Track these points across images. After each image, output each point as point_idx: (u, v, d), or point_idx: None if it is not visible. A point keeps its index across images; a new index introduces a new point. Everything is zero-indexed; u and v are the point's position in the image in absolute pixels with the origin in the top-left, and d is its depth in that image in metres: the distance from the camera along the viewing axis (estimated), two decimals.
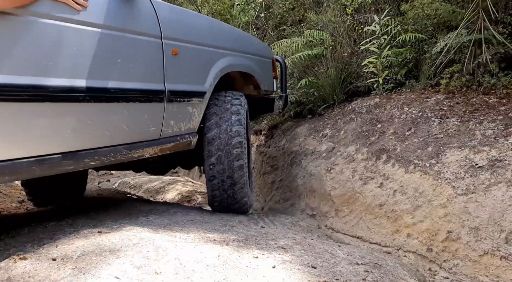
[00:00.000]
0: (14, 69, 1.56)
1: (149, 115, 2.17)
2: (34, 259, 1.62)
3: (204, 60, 2.54)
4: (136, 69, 2.07)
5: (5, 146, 1.57)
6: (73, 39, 1.77)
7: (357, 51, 3.96)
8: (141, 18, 2.12)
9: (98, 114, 1.90)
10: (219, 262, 1.67)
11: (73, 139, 1.82)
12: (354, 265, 1.81)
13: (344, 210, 2.85)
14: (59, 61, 1.72)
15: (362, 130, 3.14)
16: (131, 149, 2.12)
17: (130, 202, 3.05)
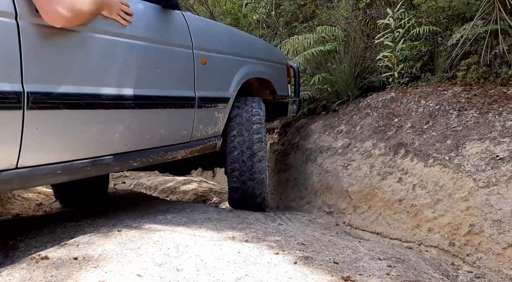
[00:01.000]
0: (76, 79, 1.72)
1: (182, 120, 2.34)
2: (56, 258, 1.62)
3: (228, 68, 2.71)
4: (172, 78, 2.24)
5: (67, 149, 1.74)
6: (121, 51, 1.93)
7: (370, 45, 3.91)
8: (175, 30, 2.29)
9: (141, 120, 2.07)
10: (239, 259, 1.66)
11: (120, 142, 1.99)
12: (376, 260, 1.78)
13: (363, 206, 2.82)
14: (110, 71, 1.88)
15: (379, 125, 3.10)
16: (167, 151, 2.29)
17: (147, 201, 3.06)
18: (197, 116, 2.41)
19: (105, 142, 1.91)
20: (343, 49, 3.90)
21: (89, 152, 1.84)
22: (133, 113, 2.00)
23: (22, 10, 1.51)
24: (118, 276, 1.46)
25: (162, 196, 4.71)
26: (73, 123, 1.74)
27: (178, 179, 5.82)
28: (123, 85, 1.93)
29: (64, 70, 1.68)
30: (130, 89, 1.96)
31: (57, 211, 3.12)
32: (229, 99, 2.67)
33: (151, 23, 2.15)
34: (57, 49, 1.65)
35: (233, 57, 2.76)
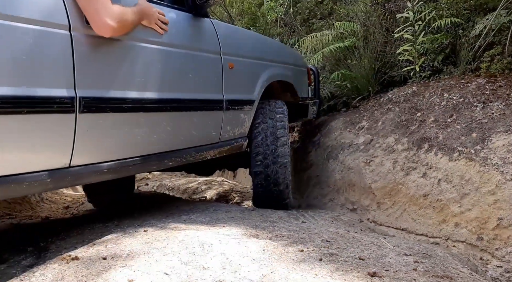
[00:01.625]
0: (120, 85, 1.84)
1: (211, 121, 2.45)
2: (85, 259, 1.66)
3: (253, 71, 2.82)
4: (202, 82, 2.35)
5: (112, 149, 1.87)
6: (158, 58, 2.05)
7: (390, 40, 3.86)
8: (205, 37, 2.41)
9: (176, 122, 2.20)
10: (264, 256, 1.67)
11: (158, 143, 2.11)
12: (402, 256, 1.76)
13: (387, 203, 2.79)
14: (149, 77, 2.00)
15: (401, 119, 3.06)
16: (198, 152, 2.40)
17: (171, 202, 3.10)
18: (225, 118, 2.52)
19: (144, 143, 2.03)
20: (362, 44, 3.86)
21: (131, 152, 1.97)
22: (169, 116, 2.14)
23: (74, 22, 1.63)
24: (146, 275, 1.49)
25: (185, 197, 4.76)
26: (117, 125, 1.86)
27: (199, 180, 5.88)
28: (160, 89, 2.06)
29: (110, 76, 1.80)
30: (166, 93, 2.09)
31: (84, 213, 3.20)
32: (254, 101, 2.78)
33: (184, 31, 2.27)
34: (104, 57, 1.77)
35: (258, 61, 2.87)
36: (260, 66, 2.89)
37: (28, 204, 3.52)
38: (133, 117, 1.93)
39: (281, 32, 5.89)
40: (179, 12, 2.25)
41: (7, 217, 3.09)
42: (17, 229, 2.73)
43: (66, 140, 1.64)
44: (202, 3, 2.31)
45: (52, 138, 1.61)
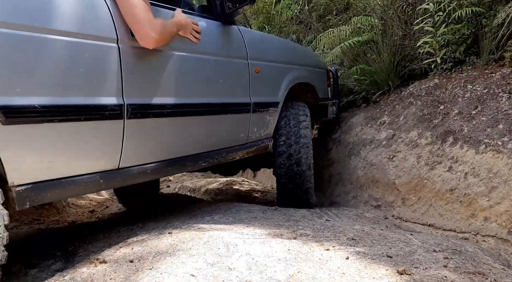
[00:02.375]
0: (160, 92, 1.97)
1: (240, 124, 2.58)
2: (112, 262, 1.68)
3: (277, 75, 2.94)
4: (231, 86, 2.48)
5: (153, 152, 2.01)
6: (193, 65, 2.18)
7: (409, 32, 3.79)
8: (234, 44, 2.53)
9: (209, 125, 2.33)
10: (290, 256, 1.66)
11: (193, 145, 2.26)
12: (431, 253, 1.72)
13: (412, 198, 2.73)
14: (185, 83, 2.13)
15: (423, 113, 3.00)
16: (229, 153, 2.52)
17: (193, 203, 3.12)
18: (252, 120, 2.65)
19: (182, 145, 2.18)
20: (381, 38, 3.80)
21: (170, 154, 2.10)
22: (203, 119, 2.27)
23: (121, 35, 1.76)
24: (172, 277, 1.49)
25: (206, 198, 4.79)
26: (158, 129, 1.99)
27: (220, 180, 5.90)
28: (195, 95, 2.20)
29: (151, 84, 1.93)
30: (200, 98, 2.23)
31: (109, 217, 3.24)
32: (278, 103, 2.89)
33: (215, 39, 2.39)
34: (146, 66, 1.90)
35: (281, 64, 2.99)
36: (284, 69, 3.00)
37: (55, 209, 3.60)
38: (172, 121, 2.06)
39: (297, 29, 5.85)
40: (209, 21, 2.36)
41: (35, 222, 3.16)
42: (45, 234, 2.79)
43: (116, 144, 1.78)
44: (231, 11, 2.42)
45: (104, 142, 1.75)
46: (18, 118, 1.43)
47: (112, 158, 1.79)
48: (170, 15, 2.02)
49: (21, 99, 1.43)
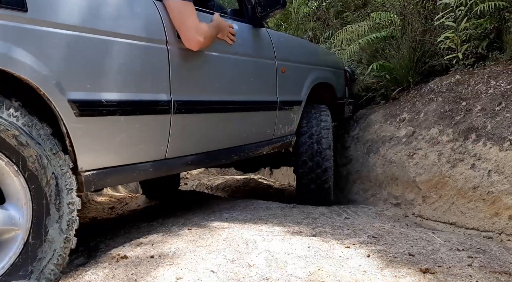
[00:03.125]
0: (201, 89, 2.14)
1: (267, 120, 2.74)
2: (134, 257, 1.70)
3: (301, 75, 3.07)
4: (261, 85, 2.64)
5: (194, 144, 2.18)
6: (228, 65, 2.35)
7: (429, 28, 3.72)
8: (263, 45, 2.69)
9: (241, 121, 2.50)
10: (310, 253, 1.65)
11: (228, 139, 2.44)
12: (455, 251, 1.69)
13: (433, 196, 2.69)
14: (221, 82, 2.29)
15: (445, 110, 2.94)
16: (257, 148, 2.68)
17: (211, 200, 3.13)
18: (278, 117, 2.80)
19: (217, 139, 2.35)
20: (400, 34, 3.74)
21: (207, 147, 2.28)
22: (236, 116, 2.45)
23: (170, 37, 1.92)
24: (193, 273, 1.50)
25: (224, 195, 4.80)
26: (198, 124, 2.16)
27: (237, 178, 5.90)
28: (230, 93, 2.37)
29: (193, 82, 2.09)
30: (234, 96, 2.39)
31: (129, 213, 3.28)
32: (301, 102, 3.03)
33: (246, 41, 2.55)
34: (189, 66, 2.06)
35: (304, 65, 3.13)
36: (307, 69, 3.14)
37: None
38: (210, 117, 2.25)
39: (314, 26, 5.81)
40: (241, 24, 2.51)
41: None
42: None
43: (164, 136, 1.96)
44: (262, 15, 2.58)
45: (155, 134, 1.92)
46: (88, 111, 1.60)
47: (160, 149, 1.97)
48: (209, 19, 2.18)
49: (90, 95, 1.61)
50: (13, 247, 1.36)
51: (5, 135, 1.33)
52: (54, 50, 1.49)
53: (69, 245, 1.48)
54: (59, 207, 1.47)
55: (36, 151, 1.41)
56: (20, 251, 1.36)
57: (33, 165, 1.40)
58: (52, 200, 1.45)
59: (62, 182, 1.49)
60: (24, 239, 1.37)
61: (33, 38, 1.42)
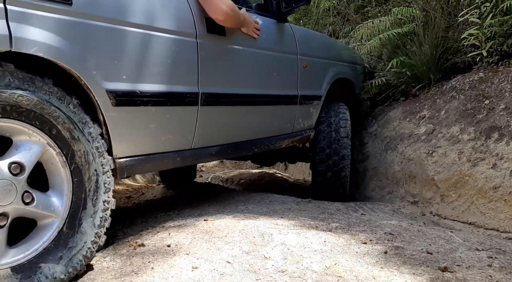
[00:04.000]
0: (226, 83, 2.20)
1: (288, 114, 2.79)
2: (151, 246, 1.72)
3: (321, 70, 3.11)
4: (283, 79, 2.68)
5: (218, 136, 2.27)
6: (253, 59, 2.41)
7: (453, 24, 3.64)
8: (286, 40, 2.72)
9: (263, 114, 2.57)
10: (326, 248, 1.64)
11: (251, 132, 2.51)
12: (474, 251, 1.66)
13: (451, 195, 2.64)
14: (246, 76, 2.36)
15: (466, 108, 2.88)
16: (278, 140, 2.74)
17: (227, 193, 3.14)
18: (298, 111, 2.86)
19: (239, 131, 2.43)
20: (422, 30, 3.67)
21: (230, 139, 2.36)
22: (258, 109, 2.51)
23: (199, 31, 1.98)
24: (209, 263, 1.51)
25: (239, 188, 4.81)
26: (222, 116, 2.23)
27: (252, 172, 5.91)
28: (253, 86, 2.42)
29: (220, 75, 2.16)
30: (257, 90, 2.46)
31: (146, 203, 3.31)
32: (321, 97, 3.08)
33: (270, 35, 2.59)
34: (216, 59, 2.12)
35: (325, 60, 3.15)
36: (327, 65, 3.17)
37: None
38: (233, 109, 2.31)
39: (334, 21, 5.75)
40: (265, 18, 2.54)
41: None
42: None
43: (191, 127, 2.03)
44: (287, 11, 2.63)
45: (183, 125, 2.00)
46: (124, 101, 1.68)
47: (187, 139, 2.06)
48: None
49: (126, 85, 1.68)
50: (48, 233, 1.43)
51: (62, 127, 1.43)
52: (94, 42, 1.55)
53: (99, 241, 1.54)
54: (95, 203, 1.53)
55: (84, 147, 1.50)
56: (54, 237, 1.43)
57: (80, 159, 1.49)
58: (90, 195, 1.52)
59: (102, 180, 1.56)
60: (59, 227, 1.44)
61: (76, 30, 1.49)
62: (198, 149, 2.14)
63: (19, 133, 1.36)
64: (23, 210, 1.36)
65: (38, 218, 1.42)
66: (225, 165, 7.70)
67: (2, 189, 1.29)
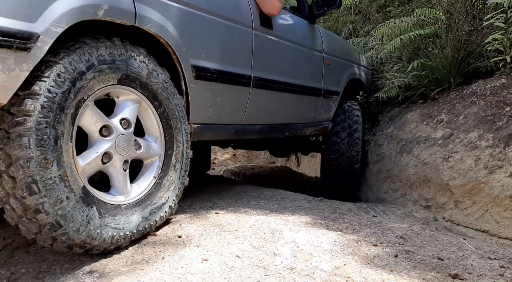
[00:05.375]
0: (270, 70, 2.55)
1: (313, 105, 3.15)
2: (162, 236, 1.74)
3: (341, 69, 3.51)
4: (311, 73, 3.06)
5: (261, 116, 2.60)
6: (291, 52, 2.78)
7: (477, 28, 3.57)
8: (315, 39, 3.11)
9: (294, 101, 2.90)
10: (336, 248, 1.64)
11: (284, 115, 2.84)
12: (486, 260, 1.64)
13: (466, 202, 2.61)
14: (285, 65, 2.72)
15: (486, 114, 2.83)
16: (304, 127, 3.11)
17: (238, 187, 3.15)
18: (321, 103, 3.23)
19: (277, 114, 2.78)
20: (445, 32, 3.61)
21: (269, 120, 2.72)
22: (292, 96, 2.83)
23: (255, 23, 2.37)
24: (218, 256, 1.52)
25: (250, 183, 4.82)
26: (266, 98, 2.56)
27: (264, 167, 5.91)
28: (289, 75, 2.76)
29: (267, 63, 2.51)
30: (293, 79, 2.80)
31: None
32: (339, 92, 3.47)
33: (305, 33, 2.98)
34: (265, 49, 2.49)
35: (344, 61, 3.56)
36: (345, 65, 3.58)
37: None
38: (274, 94, 2.63)
39: (355, 19, 5.69)
40: (299, 18, 2.93)
41: None
42: None
43: (243, 105, 2.38)
44: (319, 13, 3.02)
45: (238, 102, 2.34)
46: (201, 75, 2.01)
47: (240, 115, 2.39)
48: None
49: (204, 62, 2.03)
50: (153, 170, 1.77)
51: (159, 93, 1.75)
52: (186, 23, 1.90)
53: (185, 182, 1.91)
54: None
55: (174, 111, 1.83)
56: (158, 173, 1.78)
57: (172, 120, 1.83)
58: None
59: (186, 142, 1.90)
60: (160, 166, 1.79)
61: (177, 14, 1.84)
62: (246, 125, 2.48)
63: (126, 95, 1.66)
64: (136, 155, 1.68)
65: (144, 158, 1.75)
66: (237, 158, 7.72)
67: (123, 142, 1.60)
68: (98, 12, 1.48)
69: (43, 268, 1.52)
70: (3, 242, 1.97)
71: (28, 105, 1.29)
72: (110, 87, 1.58)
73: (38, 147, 1.30)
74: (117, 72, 1.58)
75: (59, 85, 1.37)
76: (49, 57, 1.36)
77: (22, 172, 1.27)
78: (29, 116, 1.29)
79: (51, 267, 1.51)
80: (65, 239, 1.38)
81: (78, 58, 1.43)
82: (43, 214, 1.31)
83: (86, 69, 1.45)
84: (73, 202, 1.38)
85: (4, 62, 1.22)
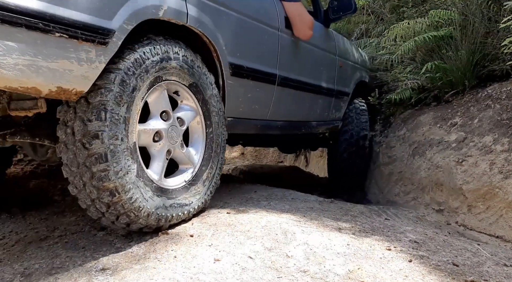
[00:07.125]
0: (292, 70, 2.72)
1: (326, 104, 3.32)
2: (174, 234, 1.73)
3: (351, 71, 3.73)
4: (326, 74, 3.23)
5: (283, 112, 2.75)
6: (310, 53, 2.95)
7: (493, 30, 3.52)
8: (330, 42, 3.32)
9: (310, 100, 3.06)
10: (349, 251, 1.62)
11: (300, 113, 3.01)
12: (502, 266, 1.61)
13: (479, 206, 2.57)
14: (304, 66, 2.88)
15: (502, 118, 2.79)
16: (317, 126, 3.29)
17: (248, 186, 3.14)
18: (333, 103, 3.40)
19: (297, 112, 2.95)
20: (460, 34, 3.56)
21: (288, 117, 2.86)
22: (309, 95, 3.01)
23: (281, 25, 2.56)
24: (231, 256, 1.51)
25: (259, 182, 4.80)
26: (287, 96, 2.72)
27: (273, 166, 5.90)
28: (308, 75, 2.94)
29: (290, 63, 2.68)
30: (310, 79, 2.97)
31: None
32: (349, 93, 3.68)
33: (321, 36, 3.15)
34: (289, 50, 2.67)
35: (353, 64, 3.77)
36: (355, 68, 3.79)
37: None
38: (295, 93, 2.80)
39: (367, 20, 5.64)
40: (316, 22, 3.03)
41: None
42: None
43: (269, 101, 2.55)
44: (334, 18, 3.20)
45: (265, 98, 2.51)
46: (237, 72, 2.18)
47: (265, 111, 2.56)
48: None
49: (239, 61, 2.19)
50: (186, 174, 1.93)
51: (214, 114, 2.00)
52: (225, 24, 2.07)
53: (215, 186, 2.08)
54: (218, 157, 2.06)
55: (216, 119, 2.02)
56: (190, 178, 1.93)
57: (215, 144, 2.02)
58: (217, 152, 2.05)
59: (223, 142, 2.07)
60: (193, 173, 1.95)
61: (216, 14, 2.00)
62: (270, 121, 2.64)
63: (188, 100, 1.90)
64: (179, 152, 1.85)
65: (182, 162, 1.91)
66: (246, 157, 7.71)
67: (174, 133, 1.78)
68: (159, 12, 1.66)
69: (56, 264, 1.52)
70: (16, 237, 1.98)
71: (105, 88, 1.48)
72: (182, 86, 1.84)
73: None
74: (192, 77, 1.85)
75: (149, 56, 1.64)
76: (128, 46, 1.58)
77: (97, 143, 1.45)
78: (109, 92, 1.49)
79: (64, 263, 1.51)
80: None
81: (163, 48, 1.71)
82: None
83: (173, 58, 1.73)
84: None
85: (87, 54, 1.38)
